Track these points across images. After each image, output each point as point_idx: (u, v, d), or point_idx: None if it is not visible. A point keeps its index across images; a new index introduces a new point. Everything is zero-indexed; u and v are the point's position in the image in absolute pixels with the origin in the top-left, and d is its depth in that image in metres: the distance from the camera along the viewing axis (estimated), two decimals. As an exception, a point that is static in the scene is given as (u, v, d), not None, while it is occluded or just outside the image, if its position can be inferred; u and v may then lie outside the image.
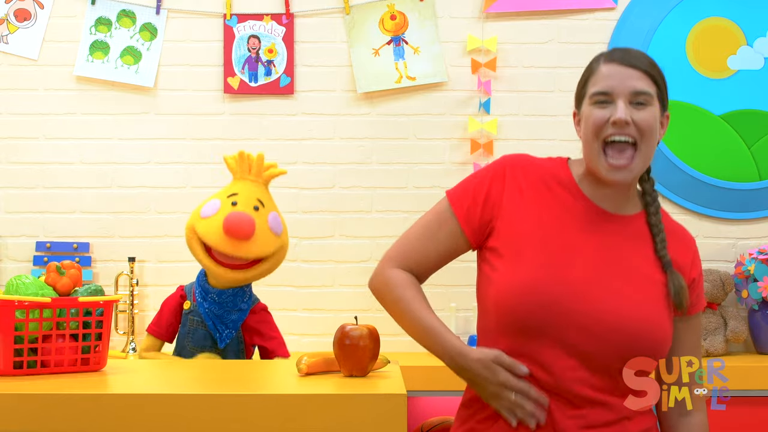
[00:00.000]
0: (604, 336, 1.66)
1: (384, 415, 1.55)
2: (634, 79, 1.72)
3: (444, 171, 3.17)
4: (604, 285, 1.69)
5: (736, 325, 3.05)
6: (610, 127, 1.71)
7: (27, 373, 1.77)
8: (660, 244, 1.76)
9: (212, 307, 2.32)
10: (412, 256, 1.81)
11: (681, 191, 3.17)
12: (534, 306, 1.66)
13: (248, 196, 2.32)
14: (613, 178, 1.72)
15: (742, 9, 3.19)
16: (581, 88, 1.79)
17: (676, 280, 1.73)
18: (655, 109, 1.73)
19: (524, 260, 1.70)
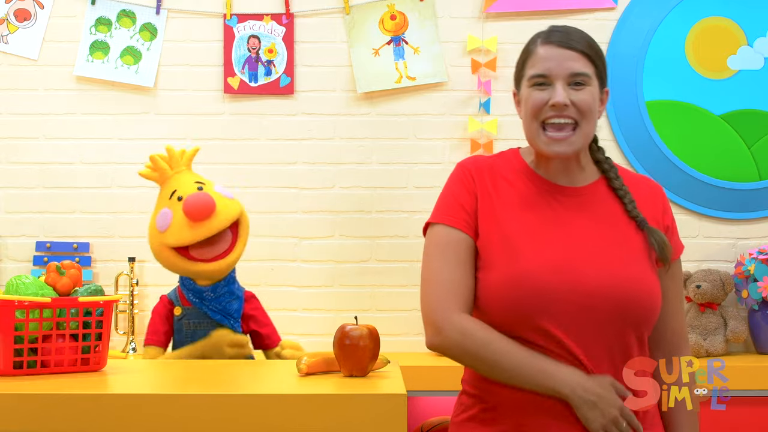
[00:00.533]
0: (597, 307, 1.68)
1: (384, 415, 1.55)
2: (571, 60, 1.74)
3: (444, 171, 3.16)
4: (587, 258, 1.71)
5: (736, 325, 3.05)
6: (549, 110, 1.73)
7: (27, 373, 1.77)
8: (630, 204, 1.78)
9: (213, 304, 2.33)
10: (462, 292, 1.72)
11: (681, 191, 3.17)
12: (525, 296, 1.67)
13: (186, 183, 2.33)
14: (553, 150, 1.74)
15: (742, 9, 3.19)
16: (519, 69, 1.82)
17: (656, 235, 1.75)
18: (594, 89, 1.75)
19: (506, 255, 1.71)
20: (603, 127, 3.17)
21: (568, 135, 1.74)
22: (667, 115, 3.18)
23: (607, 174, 1.82)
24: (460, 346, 1.70)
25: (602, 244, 1.73)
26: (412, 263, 3.13)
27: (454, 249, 1.75)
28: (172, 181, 2.35)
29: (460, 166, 1.84)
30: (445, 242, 1.76)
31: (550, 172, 1.80)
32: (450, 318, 1.70)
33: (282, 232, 3.16)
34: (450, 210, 1.78)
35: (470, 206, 1.77)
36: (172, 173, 2.36)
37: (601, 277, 1.69)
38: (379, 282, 3.16)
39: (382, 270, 3.17)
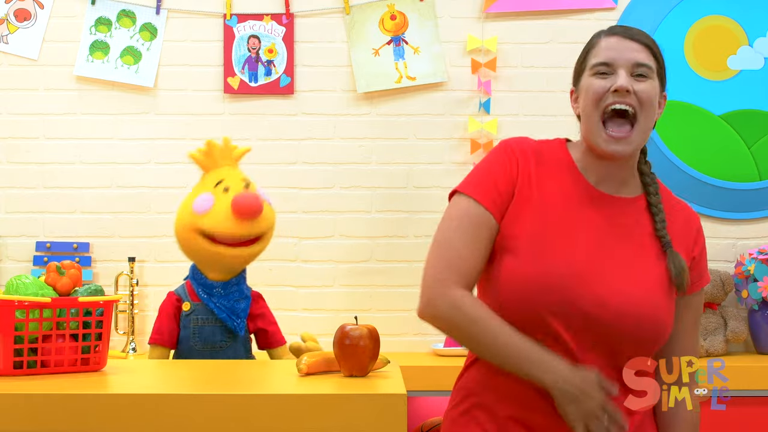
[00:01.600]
0: (607, 319, 1.67)
1: (384, 415, 1.55)
2: (635, 51, 1.73)
3: (444, 171, 3.17)
4: (607, 269, 1.70)
5: (736, 325, 3.05)
6: (611, 96, 1.71)
7: (27, 373, 1.77)
8: (660, 224, 1.75)
9: (221, 300, 2.33)
10: (466, 269, 1.67)
11: (681, 191, 3.15)
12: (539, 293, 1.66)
13: (235, 178, 2.36)
14: (612, 149, 1.71)
15: (743, 8, 3.19)
16: (581, 63, 1.79)
17: (676, 260, 1.73)
18: (655, 83, 1.74)
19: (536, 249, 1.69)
20: (603, 127, 3.17)
21: (627, 134, 1.70)
22: (667, 115, 3.18)
23: (647, 188, 1.79)
24: (450, 320, 1.66)
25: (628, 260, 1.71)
26: (411, 263, 3.13)
27: (473, 224, 1.69)
28: (220, 171, 2.37)
29: (506, 145, 1.77)
30: (467, 214, 1.70)
31: (597, 176, 1.76)
32: (445, 291, 1.66)
33: (282, 232, 3.16)
34: (482, 185, 1.72)
35: (505, 188, 1.72)
36: (221, 163, 2.38)
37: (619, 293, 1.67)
38: (379, 282, 3.17)
39: (382, 270, 3.17)
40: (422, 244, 2.92)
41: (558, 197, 1.74)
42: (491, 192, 1.71)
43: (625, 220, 1.76)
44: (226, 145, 2.40)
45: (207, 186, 2.34)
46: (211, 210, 2.29)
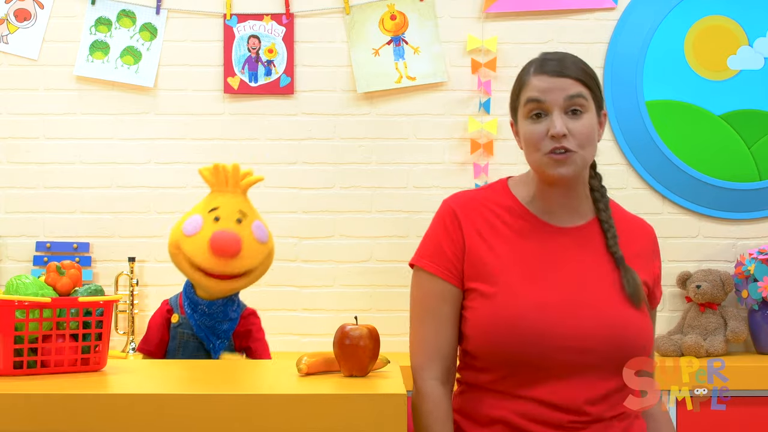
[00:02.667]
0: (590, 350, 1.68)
1: (384, 415, 1.55)
2: (566, 87, 1.72)
3: (444, 171, 3.17)
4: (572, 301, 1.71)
5: (736, 325, 3.05)
6: (548, 141, 1.71)
7: (27, 373, 1.77)
8: (611, 240, 1.77)
9: (203, 318, 2.30)
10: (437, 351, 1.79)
11: (681, 191, 3.17)
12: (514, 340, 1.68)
13: (230, 209, 2.28)
14: (557, 172, 1.72)
15: (743, 8, 3.19)
16: (514, 99, 1.79)
17: (630, 276, 1.74)
18: (591, 115, 1.74)
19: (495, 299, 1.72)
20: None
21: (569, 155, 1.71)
22: (667, 115, 3.18)
23: (597, 204, 1.80)
24: (414, 409, 1.79)
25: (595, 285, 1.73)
26: (412, 263, 3.13)
27: (437, 303, 1.79)
28: (221, 197, 2.31)
29: (445, 206, 1.82)
30: (428, 294, 1.80)
31: (548, 210, 1.78)
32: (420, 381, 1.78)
33: (282, 232, 3.16)
34: (434, 255, 1.80)
35: (453, 251, 1.77)
36: (225, 189, 2.33)
37: (594, 319, 1.69)
38: (379, 282, 3.16)
39: (382, 270, 3.17)
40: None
41: (508, 238, 1.76)
42: (443, 260, 1.78)
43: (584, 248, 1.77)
44: (234, 171, 2.33)
45: (203, 208, 2.31)
46: (196, 236, 2.25)
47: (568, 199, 1.78)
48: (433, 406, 1.76)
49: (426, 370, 1.78)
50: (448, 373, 1.80)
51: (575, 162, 1.72)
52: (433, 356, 1.78)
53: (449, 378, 1.80)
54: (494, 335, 1.70)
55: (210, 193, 2.33)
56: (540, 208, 1.79)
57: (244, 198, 2.33)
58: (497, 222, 1.78)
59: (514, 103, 1.80)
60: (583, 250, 1.76)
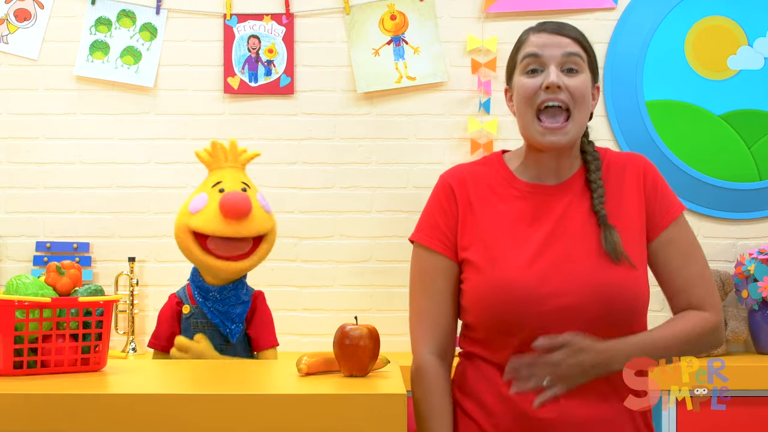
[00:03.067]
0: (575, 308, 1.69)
1: (384, 415, 1.55)
2: (563, 44, 1.75)
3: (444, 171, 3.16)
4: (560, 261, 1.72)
5: (736, 325, 3.05)
6: (543, 93, 1.73)
7: (27, 373, 1.77)
8: (597, 200, 1.77)
9: (216, 305, 2.32)
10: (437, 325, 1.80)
11: (681, 191, 3.17)
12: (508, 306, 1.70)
13: (233, 180, 2.33)
14: (548, 141, 1.74)
15: (742, 9, 3.19)
16: (512, 60, 1.82)
17: (609, 235, 1.74)
18: (586, 77, 1.76)
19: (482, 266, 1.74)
20: (603, 127, 3.17)
21: (563, 125, 1.73)
22: (667, 115, 3.18)
23: (588, 165, 1.82)
24: (413, 382, 1.81)
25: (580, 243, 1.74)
26: (412, 263, 3.13)
27: (433, 277, 1.81)
28: (221, 172, 2.35)
29: (441, 180, 1.86)
30: (425, 268, 1.82)
31: (540, 168, 1.80)
32: (419, 355, 1.80)
33: (282, 232, 3.15)
34: (429, 229, 1.82)
35: (447, 225, 1.80)
36: (224, 165, 2.36)
37: (579, 276, 1.71)
38: (379, 282, 3.17)
39: (382, 270, 3.17)
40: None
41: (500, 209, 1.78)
42: (437, 234, 1.81)
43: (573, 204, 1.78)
44: (232, 147, 2.38)
45: (206, 186, 2.34)
46: (203, 209, 2.28)
47: (556, 163, 1.80)
48: (431, 380, 1.78)
49: (424, 344, 1.80)
50: (446, 347, 1.81)
51: (567, 133, 1.74)
52: (429, 330, 1.80)
53: (447, 352, 1.82)
54: (487, 302, 1.72)
55: (210, 172, 2.36)
56: (530, 175, 1.81)
57: (244, 173, 2.37)
58: (489, 193, 1.81)
59: (511, 64, 1.82)
60: (572, 207, 1.78)
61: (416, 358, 1.80)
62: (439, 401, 1.77)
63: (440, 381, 1.78)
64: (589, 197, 1.79)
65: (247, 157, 2.40)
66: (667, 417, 2.73)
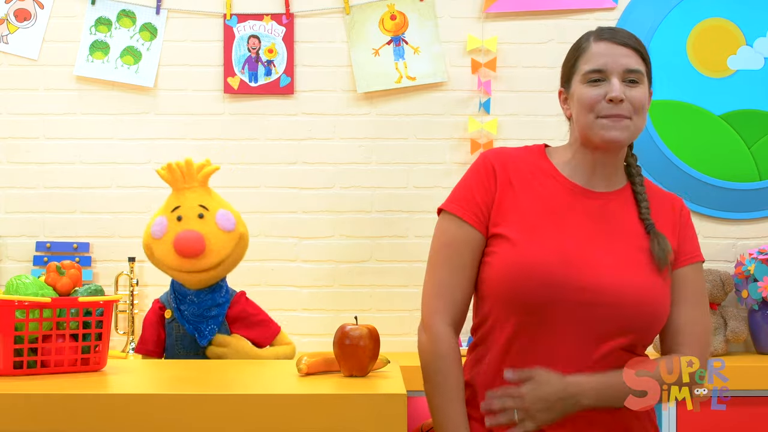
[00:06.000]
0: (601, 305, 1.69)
1: (384, 415, 1.55)
2: (626, 57, 1.77)
3: (444, 171, 3.17)
4: (598, 257, 1.73)
5: (736, 325, 3.05)
6: (605, 105, 1.75)
7: (27, 373, 1.77)
8: (644, 210, 1.80)
9: (191, 308, 2.33)
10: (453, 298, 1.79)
11: (681, 191, 3.16)
12: (532, 285, 1.70)
13: (190, 206, 2.35)
14: (610, 135, 1.75)
15: (742, 9, 3.19)
16: (570, 66, 1.83)
17: (660, 240, 1.76)
18: (646, 87, 1.79)
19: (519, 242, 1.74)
20: (603, 127, 3.17)
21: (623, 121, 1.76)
22: (667, 115, 3.18)
23: (632, 178, 1.85)
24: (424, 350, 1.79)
25: (616, 247, 1.75)
26: (412, 263, 3.13)
27: (459, 249, 1.79)
28: (181, 194, 2.37)
29: (483, 158, 1.85)
30: (452, 239, 1.80)
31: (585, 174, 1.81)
32: (434, 325, 1.78)
33: (282, 232, 3.16)
34: (463, 201, 1.81)
35: (484, 200, 1.79)
36: (183, 186, 2.37)
37: (613, 277, 1.71)
38: (379, 282, 3.16)
39: (382, 270, 3.17)
40: (422, 244, 2.92)
41: (541, 197, 1.79)
42: (472, 206, 1.79)
43: (614, 211, 1.80)
44: (188, 167, 2.39)
45: (166, 209, 2.37)
46: (163, 239, 2.33)
47: (604, 167, 1.81)
48: (448, 350, 1.76)
49: (440, 315, 1.78)
50: (459, 322, 1.81)
51: (629, 128, 1.76)
52: (447, 302, 1.78)
53: (459, 325, 1.81)
54: (513, 279, 1.71)
55: (171, 192, 2.38)
56: (574, 172, 1.82)
57: (204, 190, 2.38)
58: (531, 179, 1.81)
59: (569, 70, 1.83)
60: (613, 214, 1.79)
61: (432, 331, 1.77)
62: (457, 375, 1.76)
63: (456, 355, 1.77)
64: (633, 209, 1.81)
65: (206, 173, 2.40)
66: (667, 417, 2.73)
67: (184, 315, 2.33)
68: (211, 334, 2.33)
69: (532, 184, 1.80)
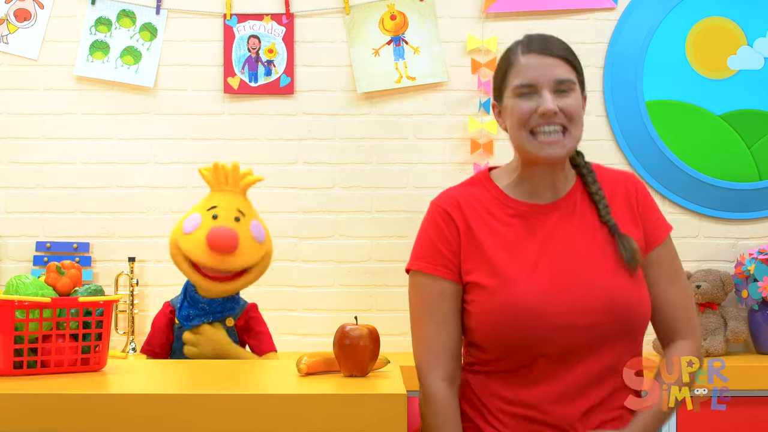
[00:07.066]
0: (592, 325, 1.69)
1: (384, 415, 1.55)
2: (555, 67, 1.74)
3: (444, 171, 3.17)
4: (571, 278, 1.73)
5: (736, 325, 3.04)
6: (538, 118, 1.73)
7: (27, 373, 1.77)
8: (603, 210, 1.78)
9: (200, 314, 2.32)
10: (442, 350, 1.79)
11: (681, 191, 3.17)
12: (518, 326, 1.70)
13: (228, 207, 2.31)
14: (546, 154, 1.74)
15: (742, 9, 3.19)
16: (500, 80, 1.81)
17: (626, 243, 1.75)
18: (578, 94, 1.77)
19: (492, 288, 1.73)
20: (603, 127, 3.17)
21: (560, 138, 1.74)
22: (667, 115, 3.18)
23: (585, 179, 1.83)
24: (423, 411, 1.79)
25: (586, 258, 1.75)
26: (412, 263, 3.13)
27: (438, 302, 1.79)
28: (220, 195, 2.33)
29: (434, 206, 1.84)
30: (428, 295, 1.80)
31: (535, 183, 1.80)
32: (427, 382, 1.78)
33: (282, 232, 3.16)
34: (429, 256, 1.80)
35: (449, 248, 1.79)
36: (225, 188, 2.35)
37: (589, 294, 1.71)
38: (379, 282, 3.17)
39: (382, 270, 3.17)
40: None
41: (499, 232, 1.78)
42: (439, 259, 1.79)
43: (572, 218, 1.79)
44: (234, 170, 2.36)
45: (202, 207, 2.33)
46: (194, 233, 2.28)
47: (552, 178, 1.80)
48: (442, 407, 1.76)
49: (432, 371, 1.78)
50: (454, 371, 1.80)
51: (565, 145, 1.75)
52: (438, 356, 1.78)
53: (456, 376, 1.80)
54: (496, 324, 1.71)
55: (210, 192, 2.35)
56: (523, 191, 1.81)
57: (243, 198, 2.35)
58: (484, 214, 1.80)
59: (500, 83, 1.81)
60: (573, 222, 1.78)
61: (426, 386, 1.78)
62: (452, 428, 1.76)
63: (452, 408, 1.77)
64: (590, 211, 1.79)
65: (248, 182, 2.37)
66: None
67: (188, 318, 2.32)
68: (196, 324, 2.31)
69: (487, 221, 1.79)
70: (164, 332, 2.37)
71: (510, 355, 1.72)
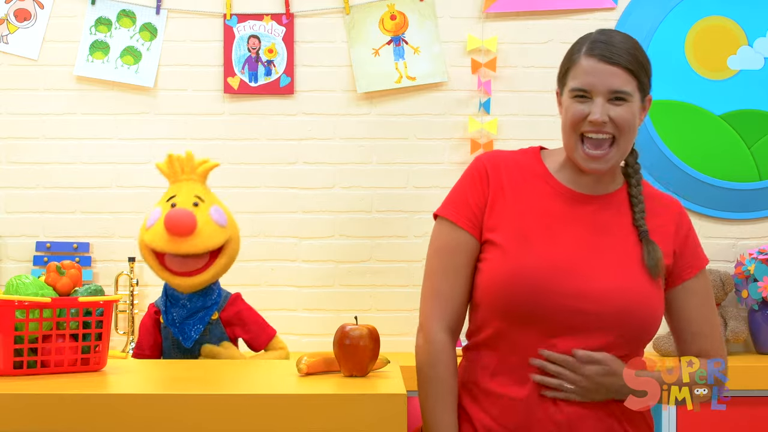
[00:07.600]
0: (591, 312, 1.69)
1: (384, 415, 1.55)
2: (613, 76, 1.73)
3: (444, 171, 3.17)
4: (588, 264, 1.73)
5: (736, 325, 3.05)
6: (588, 125, 1.74)
7: (27, 373, 1.77)
8: (638, 214, 1.79)
9: (182, 312, 2.32)
10: (452, 302, 1.79)
11: (681, 191, 3.17)
12: (521, 292, 1.70)
13: (186, 195, 2.33)
14: (590, 167, 1.75)
15: (742, 9, 3.19)
16: (562, 75, 1.82)
17: (651, 249, 1.76)
18: (634, 104, 1.76)
19: (509, 250, 1.74)
20: (603, 127, 3.17)
21: (605, 152, 1.74)
22: (667, 115, 3.18)
23: (629, 180, 1.83)
24: (420, 354, 1.79)
25: (607, 252, 1.75)
26: (412, 263, 3.13)
27: (453, 253, 1.79)
28: (178, 185, 2.36)
29: (477, 161, 1.85)
30: (446, 243, 1.80)
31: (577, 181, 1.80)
32: (431, 332, 1.78)
33: (282, 232, 3.16)
34: (457, 205, 1.81)
35: (477, 204, 1.79)
36: (182, 177, 2.36)
37: (605, 284, 1.70)
38: (379, 282, 3.17)
39: (382, 270, 3.17)
40: (422, 244, 2.91)
41: (534, 201, 1.78)
42: (465, 211, 1.79)
43: (607, 215, 1.79)
44: (188, 159, 2.38)
45: (162, 200, 2.36)
46: (155, 225, 2.30)
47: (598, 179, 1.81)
48: (444, 358, 1.76)
49: (437, 321, 1.78)
50: (456, 326, 1.80)
51: (609, 160, 1.75)
52: (444, 308, 1.78)
53: (456, 331, 1.81)
54: (504, 286, 1.71)
55: (170, 185, 2.37)
56: (567, 177, 1.81)
57: (202, 185, 2.38)
58: (524, 184, 1.80)
59: (561, 78, 1.82)
60: (607, 218, 1.79)
61: (428, 335, 1.78)
62: (451, 381, 1.76)
63: (452, 360, 1.77)
64: (627, 212, 1.80)
65: (206, 168, 2.39)
66: (667, 417, 2.74)
67: (172, 319, 2.33)
68: (196, 334, 2.31)
69: (524, 188, 1.79)
70: (152, 334, 2.38)
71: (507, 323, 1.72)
